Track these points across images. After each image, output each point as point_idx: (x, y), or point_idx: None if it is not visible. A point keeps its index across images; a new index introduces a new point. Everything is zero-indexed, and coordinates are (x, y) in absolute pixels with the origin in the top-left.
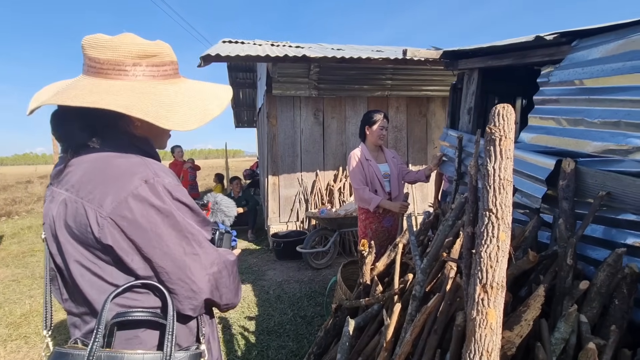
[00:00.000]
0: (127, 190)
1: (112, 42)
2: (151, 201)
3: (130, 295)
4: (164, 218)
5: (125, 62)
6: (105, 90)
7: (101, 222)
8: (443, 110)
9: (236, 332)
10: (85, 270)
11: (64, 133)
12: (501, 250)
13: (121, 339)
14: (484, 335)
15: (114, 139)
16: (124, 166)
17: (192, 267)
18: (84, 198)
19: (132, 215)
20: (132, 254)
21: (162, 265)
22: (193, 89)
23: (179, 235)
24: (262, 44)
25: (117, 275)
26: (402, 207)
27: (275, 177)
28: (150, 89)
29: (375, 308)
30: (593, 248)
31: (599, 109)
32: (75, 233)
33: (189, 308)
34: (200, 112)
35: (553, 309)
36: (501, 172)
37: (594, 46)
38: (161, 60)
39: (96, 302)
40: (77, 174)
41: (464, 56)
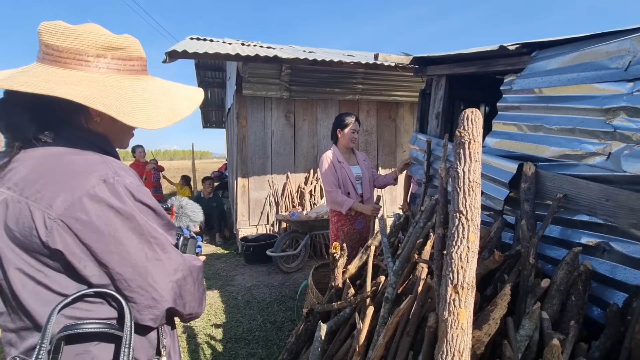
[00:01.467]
0: (82, 190)
1: (74, 30)
2: (110, 202)
3: (81, 305)
4: (124, 220)
5: (88, 52)
6: (62, 79)
7: (49, 225)
8: (411, 115)
9: (202, 341)
10: (28, 278)
11: (11, 124)
12: (471, 251)
13: (69, 355)
14: (455, 336)
15: (69, 135)
16: (79, 163)
17: (154, 273)
18: (30, 197)
19: (87, 217)
20: (86, 260)
21: (120, 272)
22: (162, 87)
23: (141, 239)
24: (232, 42)
25: (66, 283)
26: (374, 209)
27: (245, 179)
28: (114, 83)
29: (347, 311)
30: (550, 247)
31: (556, 116)
32: (16, 237)
33: (149, 318)
34: (168, 111)
35: (517, 307)
36: (470, 174)
37: (552, 57)
38: (128, 55)
39: (39, 314)
40: (23, 170)
41: (433, 63)
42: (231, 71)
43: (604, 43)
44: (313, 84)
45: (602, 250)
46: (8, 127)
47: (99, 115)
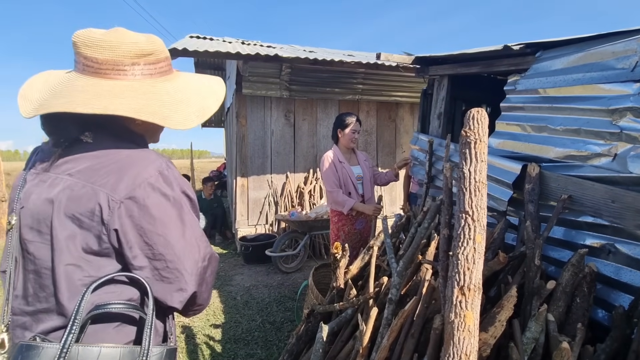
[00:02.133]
0: (142, 178)
1: (109, 42)
2: (164, 191)
3: (110, 287)
4: (173, 208)
5: (124, 62)
6: (109, 92)
7: (112, 206)
8: (411, 115)
9: (201, 341)
10: (70, 259)
11: (56, 128)
12: (477, 252)
13: (92, 334)
14: (462, 338)
15: (111, 135)
16: (138, 156)
17: (189, 258)
18: (95, 183)
19: (144, 202)
20: (133, 241)
21: (162, 252)
22: (189, 84)
23: (183, 226)
24: (232, 41)
25: (103, 265)
26: (376, 209)
27: (244, 178)
28: (150, 88)
29: (349, 312)
30: (554, 248)
31: (561, 117)
32: (77, 217)
33: (177, 300)
34: (199, 109)
35: (522, 308)
36: (476, 174)
37: (557, 57)
38: (157, 58)
39: (67, 296)
40: (84, 162)
41: (435, 63)
42: (231, 70)
43: (610, 43)
44: (313, 84)
45: (607, 251)
46: (54, 130)
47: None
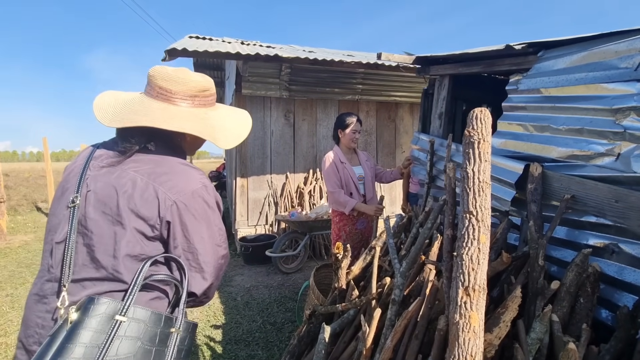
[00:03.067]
0: (192, 187)
1: (181, 78)
2: (205, 199)
3: (154, 266)
4: (210, 213)
5: (190, 94)
6: (178, 115)
7: (168, 203)
8: (411, 115)
9: (201, 342)
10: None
11: (131, 136)
12: (482, 252)
13: (139, 297)
14: (467, 339)
15: (167, 147)
16: (189, 169)
17: (213, 255)
18: (156, 182)
19: (190, 204)
20: (176, 233)
21: (196, 247)
22: (229, 114)
23: (214, 228)
24: (231, 41)
25: (152, 248)
26: (377, 209)
27: (244, 179)
28: (204, 115)
29: (352, 313)
30: (556, 248)
31: (564, 117)
32: (136, 206)
33: (198, 287)
34: (235, 135)
35: (526, 309)
36: (480, 174)
37: (559, 57)
38: (210, 93)
39: (125, 266)
40: (148, 165)
41: (436, 62)
42: (230, 70)
43: (613, 43)
44: (313, 84)
45: (610, 251)
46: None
47: (190, 136)
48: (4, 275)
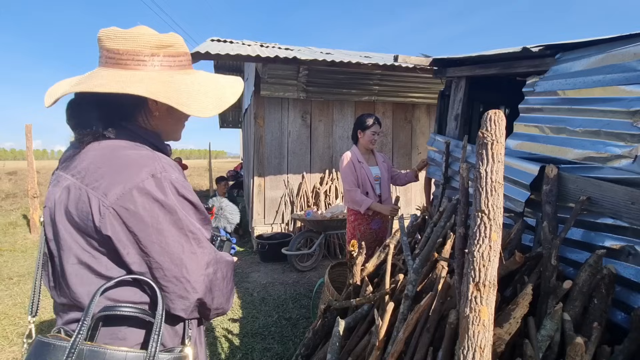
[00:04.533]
0: (133, 182)
1: (130, 34)
2: (155, 195)
3: (120, 289)
4: (166, 214)
5: (144, 52)
6: (129, 79)
7: (103, 212)
8: (427, 116)
9: (219, 334)
10: (76, 259)
11: (80, 122)
12: (493, 250)
13: (105, 333)
14: (477, 332)
15: (128, 131)
16: (132, 158)
17: (188, 265)
18: (89, 185)
19: (134, 207)
20: (129, 247)
21: (158, 260)
22: (207, 78)
23: (180, 232)
24: (251, 44)
25: (110, 267)
26: (393, 210)
27: (261, 178)
28: (168, 78)
29: (365, 308)
30: (572, 250)
31: (580, 119)
32: (74, 220)
33: (180, 308)
34: (216, 100)
35: (538, 308)
36: (493, 174)
37: (577, 59)
38: (176, 51)
39: (81, 293)
40: (85, 161)
41: (453, 64)
42: (249, 72)
43: (632, 45)
44: (329, 85)
45: (627, 254)
46: (79, 124)
47: (158, 110)
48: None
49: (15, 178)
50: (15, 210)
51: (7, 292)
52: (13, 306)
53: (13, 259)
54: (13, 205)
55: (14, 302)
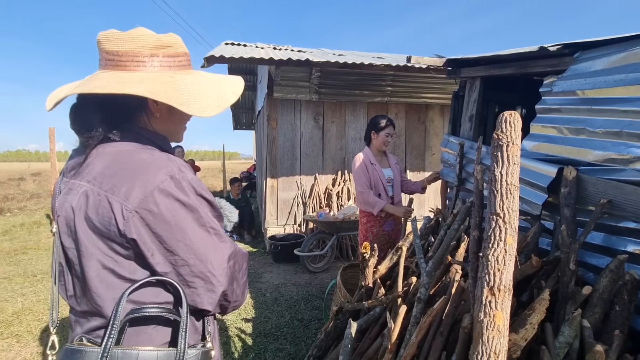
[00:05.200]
0: (154, 185)
1: (128, 35)
2: (177, 196)
3: (144, 291)
4: (188, 212)
5: (143, 53)
6: (129, 80)
7: (127, 215)
8: (441, 117)
9: (233, 334)
10: (99, 264)
11: (84, 125)
12: (508, 253)
13: (131, 335)
14: (491, 337)
15: (133, 134)
16: (148, 160)
17: (212, 260)
18: (108, 191)
19: (157, 209)
20: (154, 248)
21: (184, 258)
22: (207, 78)
23: (202, 229)
24: (264, 47)
25: (134, 269)
26: (406, 211)
27: (274, 179)
28: (168, 79)
29: (378, 310)
30: (592, 255)
31: (601, 119)
32: (95, 225)
33: (208, 302)
34: (217, 100)
35: (556, 314)
36: (508, 177)
37: (597, 58)
38: (176, 51)
39: (104, 298)
40: (99, 166)
41: (467, 64)
42: (262, 75)
43: None
44: (342, 87)
45: None
46: (82, 128)
47: (159, 111)
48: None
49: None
50: (39, 209)
51: (32, 289)
52: (37, 302)
53: (37, 257)
54: (37, 205)
55: (37, 299)
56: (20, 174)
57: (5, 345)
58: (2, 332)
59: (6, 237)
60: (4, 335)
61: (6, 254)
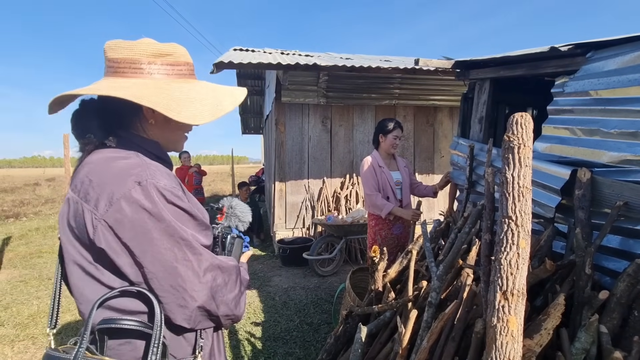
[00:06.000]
0: (120, 192)
1: (129, 43)
2: (142, 204)
3: (122, 299)
4: (155, 222)
5: (141, 60)
6: (120, 85)
7: (95, 224)
8: (450, 120)
9: (242, 337)
10: (81, 271)
11: (81, 130)
12: (521, 257)
13: (113, 344)
14: (505, 343)
15: (124, 140)
16: (121, 167)
17: (183, 274)
18: (82, 199)
19: (123, 217)
20: (124, 258)
21: (152, 270)
22: (207, 87)
23: (170, 240)
24: (272, 52)
25: (112, 278)
26: (415, 214)
27: (282, 183)
28: (163, 85)
29: (388, 315)
30: (608, 258)
31: (616, 120)
32: (75, 233)
33: (182, 318)
34: (212, 108)
35: (572, 319)
36: (520, 179)
37: (610, 57)
38: (176, 60)
39: (86, 304)
40: (81, 173)
41: (476, 66)
42: (270, 79)
43: None
44: (349, 90)
45: None
46: (79, 133)
47: (153, 117)
48: None
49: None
50: (54, 214)
51: (47, 292)
52: None
53: (52, 261)
54: (52, 209)
55: None
56: (36, 180)
57: (21, 347)
58: (18, 334)
59: (22, 240)
60: (20, 337)
61: (22, 258)
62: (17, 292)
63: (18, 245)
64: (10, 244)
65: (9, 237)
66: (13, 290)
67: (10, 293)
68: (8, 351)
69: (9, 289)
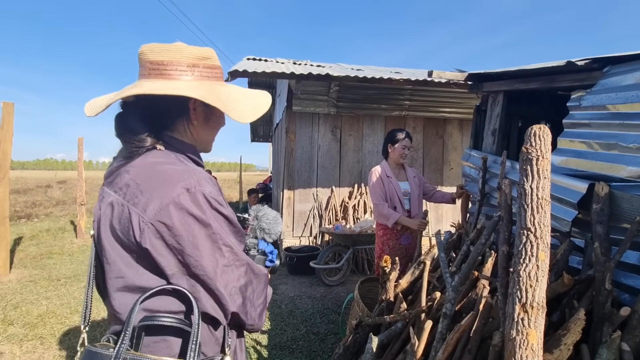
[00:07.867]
0: (170, 198)
1: (171, 47)
2: (190, 210)
3: (158, 299)
4: (201, 228)
5: (186, 63)
6: (176, 86)
7: (142, 227)
8: (460, 132)
9: (248, 345)
10: (119, 272)
11: (130, 133)
12: (541, 269)
13: (148, 342)
14: (524, 356)
15: (170, 145)
16: (169, 173)
17: (222, 279)
18: (130, 201)
19: (171, 222)
20: (168, 260)
21: (195, 273)
22: (239, 90)
23: (214, 246)
24: (284, 62)
25: (150, 279)
26: (421, 224)
27: (291, 191)
28: (209, 87)
29: (399, 325)
30: (627, 275)
31: (635, 134)
32: (118, 235)
33: (217, 318)
34: (252, 108)
35: (591, 335)
36: (539, 191)
37: (628, 72)
38: (213, 64)
39: (120, 304)
40: (127, 176)
41: (490, 79)
42: (281, 88)
43: None
44: (360, 100)
45: None
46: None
47: (196, 118)
48: (82, 268)
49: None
50: (64, 216)
51: (56, 293)
52: (60, 306)
53: (61, 262)
54: (62, 211)
55: (61, 302)
56: (48, 182)
57: (29, 347)
58: (27, 334)
59: (33, 241)
60: (28, 337)
61: (32, 258)
62: (26, 292)
63: (29, 245)
64: (21, 244)
65: (20, 237)
66: (23, 290)
67: (20, 292)
68: (17, 350)
69: (19, 289)
